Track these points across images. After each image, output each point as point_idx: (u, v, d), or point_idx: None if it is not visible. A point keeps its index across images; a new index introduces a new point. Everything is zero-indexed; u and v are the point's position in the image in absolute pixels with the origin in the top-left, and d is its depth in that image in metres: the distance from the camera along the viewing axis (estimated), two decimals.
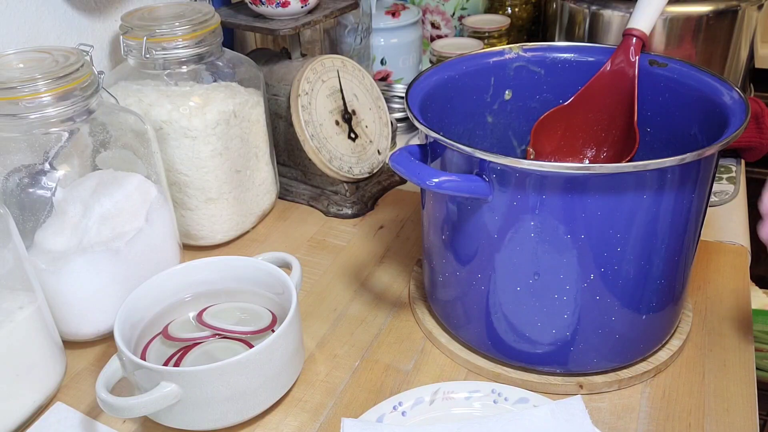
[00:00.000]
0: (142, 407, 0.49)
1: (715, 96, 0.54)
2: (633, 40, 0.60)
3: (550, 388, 0.56)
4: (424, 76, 0.60)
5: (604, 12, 0.88)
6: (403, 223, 0.79)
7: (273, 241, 0.77)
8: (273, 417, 0.55)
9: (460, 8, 1.16)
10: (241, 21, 0.78)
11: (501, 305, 0.54)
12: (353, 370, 0.59)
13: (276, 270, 0.59)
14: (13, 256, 0.53)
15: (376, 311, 0.66)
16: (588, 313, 0.52)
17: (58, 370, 0.58)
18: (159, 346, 0.58)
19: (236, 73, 0.73)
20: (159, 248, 0.65)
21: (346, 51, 0.97)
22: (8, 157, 0.56)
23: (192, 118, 0.67)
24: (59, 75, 0.54)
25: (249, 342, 0.58)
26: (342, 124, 0.80)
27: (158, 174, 0.65)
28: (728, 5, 0.83)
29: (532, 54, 0.64)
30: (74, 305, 0.60)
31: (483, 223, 0.51)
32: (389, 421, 0.52)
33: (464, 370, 0.59)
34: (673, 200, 0.48)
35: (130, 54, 0.68)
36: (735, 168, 0.85)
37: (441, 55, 1.01)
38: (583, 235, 0.48)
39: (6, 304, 0.54)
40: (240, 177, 0.74)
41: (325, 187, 0.83)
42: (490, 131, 0.67)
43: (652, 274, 0.52)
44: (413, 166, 0.49)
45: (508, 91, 0.66)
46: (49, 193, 0.56)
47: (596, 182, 0.46)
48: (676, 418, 0.53)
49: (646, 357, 0.57)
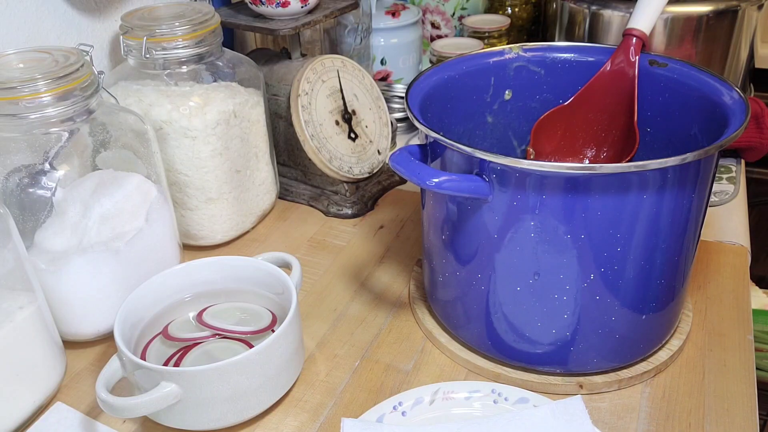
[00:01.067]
0: (142, 407, 0.49)
1: (715, 96, 0.54)
2: (633, 40, 0.60)
3: (550, 388, 0.56)
4: (424, 76, 0.60)
5: (604, 12, 0.89)
6: (403, 223, 0.79)
7: (273, 241, 0.77)
8: (273, 417, 0.55)
9: (460, 8, 1.16)
10: (241, 21, 0.78)
11: (501, 305, 0.54)
12: (353, 370, 0.59)
13: (276, 270, 0.59)
14: (13, 256, 0.53)
15: (376, 311, 0.66)
16: (588, 313, 0.52)
17: (58, 370, 0.58)
18: (159, 346, 0.58)
19: (236, 73, 0.73)
20: (159, 248, 0.65)
21: (346, 51, 0.97)
22: (8, 157, 0.56)
23: (192, 118, 0.67)
24: (59, 75, 0.54)
25: (249, 342, 0.58)
26: (342, 124, 0.80)
27: (158, 174, 0.65)
28: (728, 5, 0.83)
29: (532, 54, 0.64)
30: (74, 305, 0.60)
31: (483, 223, 0.51)
32: (389, 421, 0.52)
33: (464, 370, 0.59)
34: (673, 200, 0.48)
35: (130, 54, 0.68)
36: (735, 168, 0.85)
37: (441, 55, 1.01)
38: (583, 235, 0.48)
39: (6, 304, 0.54)
40: (240, 177, 0.74)
41: (325, 187, 0.83)
42: (490, 131, 0.67)
43: (652, 274, 0.52)
44: (413, 166, 0.49)
45: (508, 91, 0.66)
46: (49, 193, 0.56)
47: (596, 182, 0.46)
48: (676, 418, 0.53)
49: (646, 357, 0.57)
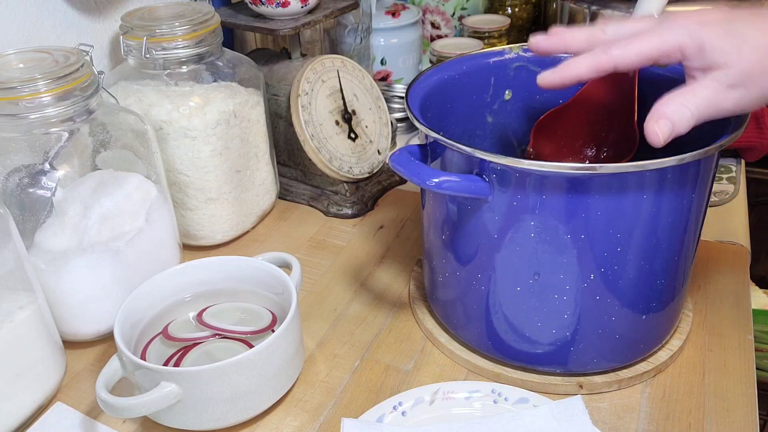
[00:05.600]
0: (142, 407, 0.49)
1: None
2: None
3: (550, 388, 0.56)
4: (424, 76, 0.60)
5: (604, 12, 0.89)
6: (403, 223, 0.79)
7: (273, 241, 0.77)
8: (273, 417, 0.55)
9: (460, 8, 1.16)
10: (241, 21, 0.78)
11: (501, 305, 0.54)
12: (353, 370, 0.59)
13: (276, 270, 0.59)
14: (13, 256, 0.53)
15: (376, 311, 0.66)
16: (588, 313, 0.52)
17: (58, 370, 0.58)
18: (159, 346, 0.58)
19: (236, 73, 0.73)
20: (159, 248, 0.65)
21: (346, 51, 0.97)
22: (8, 157, 0.56)
23: (192, 118, 0.67)
24: (59, 75, 0.54)
25: (249, 342, 0.58)
26: (342, 124, 0.80)
27: (158, 174, 0.65)
28: (728, 5, 0.83)
29: (532, 54, 0.64)
30: (74, 305, 0.60)
31: (483, 223, 0.51)
32: (389, 421, 0.52)
33: (464, 370, 0.59)
34: (673, 200, 0.48)
35: (130, 54, 0.68)
36: (735, 168, 0.85)
37: (441, 55, 1.01)
38: (583, 235, 0.48)
39: (6, 304, 0.54)
40: (240, 177, 0.74)
41: (325, 187, 0.83)
42: (490, 131, 0.67)
43: (652, 274, 0.52)
44: (413, 166, 0.49)
45: (508, 91, 0.66)
46: (49, 193, 0.56)
47: (597, 182, 0.46)
48: (676, 418, 0.53)
49: (646, 357, 0.57)
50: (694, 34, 0.43)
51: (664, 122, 0.43)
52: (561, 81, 0.47)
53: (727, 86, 0.43)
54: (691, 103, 0.43)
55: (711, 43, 0.43)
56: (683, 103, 0.43)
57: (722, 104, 0.44)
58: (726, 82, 0.43)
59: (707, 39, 0.43)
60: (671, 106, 0.44)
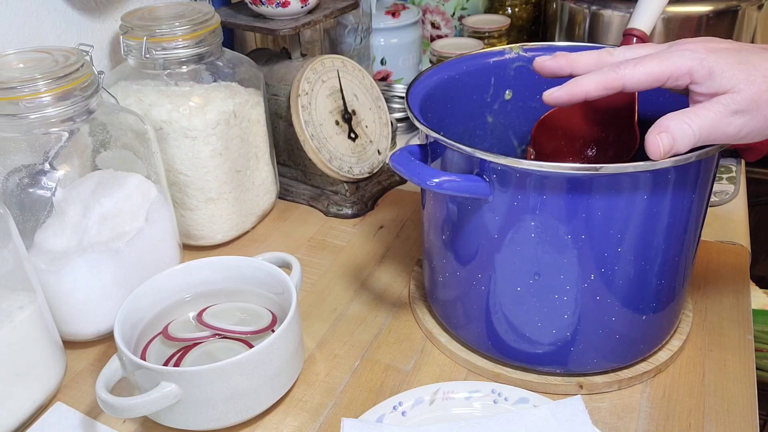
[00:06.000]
0: (142, 407, 0.49)
1: None
2: (633, 40, 0.60)
3: (550, 388, 0.56)
4: (424, 76, 0.60)
5: (604, 12, 0.89)
6: (403, 223, 0.79)
7: (273, 241, 0.77)
8: (273, 417, 0.55)
9: (460, 8, 1.16)
10: (241, 21, 0.78)
11: (501, 305, 0.54)
12: (353, 370, 0.59)
13: (276, 270, 0.59)
14: (13, 256, 0.53)
15: (376, 311, 0.66)
16: (588, 314, 0.52)
17: (58, 370, 0.58)
18: (159, 346, 0.58)
19: (236, 73, 0.73)
20: (159, 248, 0.65)
21: (346, 51, 0.97)
22: (8, 157, 0.56)
23: (192, 118, 0.67)
24: (59, 75, 0.54)
25: (249, 342, 0.58)
26: (342, 124, 0.80)
27: (158, 174, 0.65)
28: (728, 5, 0.83)
29: (532, 54, 0.64)
30: (74, 305, 0.60)
31: (483, 223, 0.51)
32: (389, 421, 0.52)
33: (464, 370, 0.59)
34: (673, 200, 0.48)
35: (130, 54, 0.68)
36: (735, 168, 0.85)
37: (441, 55, 1.01)
38: (583, 235, 0.48)
39: (6, 304, 0.54)
40: (240, 177, 0.74)
41: (325, 187, 0.83)
42: (490, 131, 0.67)
43: (652, 274, 0.52)
44: (413, 166, 0.49)
45: (509, 91, 0.66)
46: (49, 193, 0.56)
47: (597, 182, 0.46)
48: (676, 418, 0.53)
49: (646, 357, 0.57)
50: (704, 60, 0.44)
51: (666, 136, 0.43)
52: (568, 98, 0.47)
53: (732, 111, 0.43)
54: (694, 122, 0.44)
55: (721, 69, 0.43)
56: (686, 121, 0.44)
57: (725, 129, 0.44)
58: (732, 107, 0.43)
59: (717, 65, 0.43)
60: (674, 121, 0.44)
